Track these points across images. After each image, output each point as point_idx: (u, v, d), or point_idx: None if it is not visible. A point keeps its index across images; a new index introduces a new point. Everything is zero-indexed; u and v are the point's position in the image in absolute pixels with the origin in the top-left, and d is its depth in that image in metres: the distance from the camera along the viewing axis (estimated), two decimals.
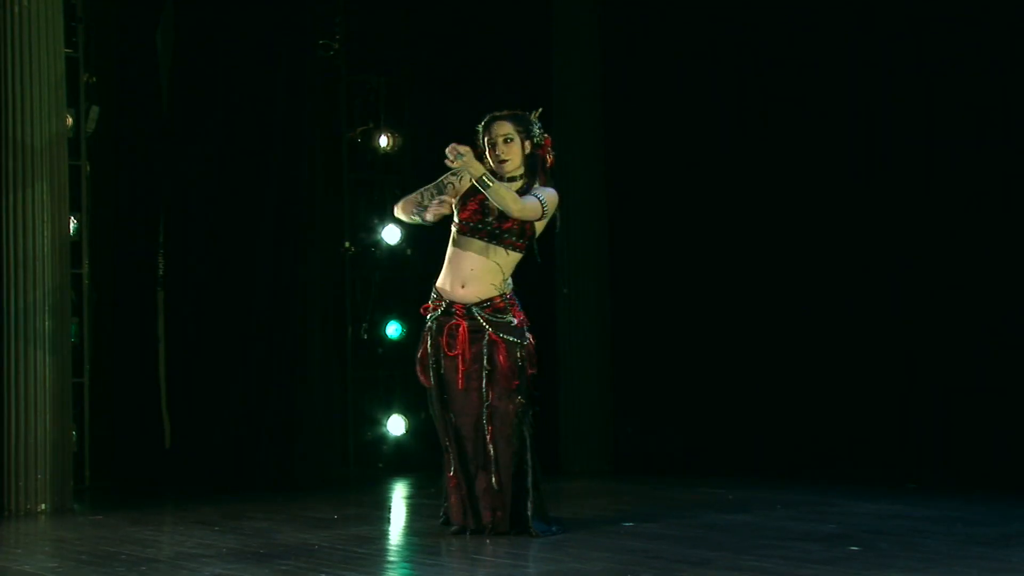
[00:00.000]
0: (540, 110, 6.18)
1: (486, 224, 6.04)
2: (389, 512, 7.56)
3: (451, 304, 6.06)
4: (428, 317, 6.15)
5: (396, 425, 9.67)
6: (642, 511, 6.86)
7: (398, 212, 6.24)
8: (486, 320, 6.01)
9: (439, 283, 6.14)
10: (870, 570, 4.96)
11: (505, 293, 6.07)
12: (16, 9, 7.37)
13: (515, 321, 6.05)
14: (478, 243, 6.04)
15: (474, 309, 6.03)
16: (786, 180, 8.60)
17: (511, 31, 9.46)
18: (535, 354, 6.10)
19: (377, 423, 9.69)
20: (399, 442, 9.66)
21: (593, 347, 9.05)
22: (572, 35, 9.15)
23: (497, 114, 6.15)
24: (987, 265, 7.78)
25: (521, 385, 6.02)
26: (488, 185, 5.85)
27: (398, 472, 9.16)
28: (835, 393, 8.39)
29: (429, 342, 6.10)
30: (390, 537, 6.55)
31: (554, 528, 6.02)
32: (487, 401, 5.98)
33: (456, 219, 6.12)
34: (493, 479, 5.97)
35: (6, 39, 7.38)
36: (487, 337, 6.00)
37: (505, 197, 5.89)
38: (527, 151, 6.10)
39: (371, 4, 9.87)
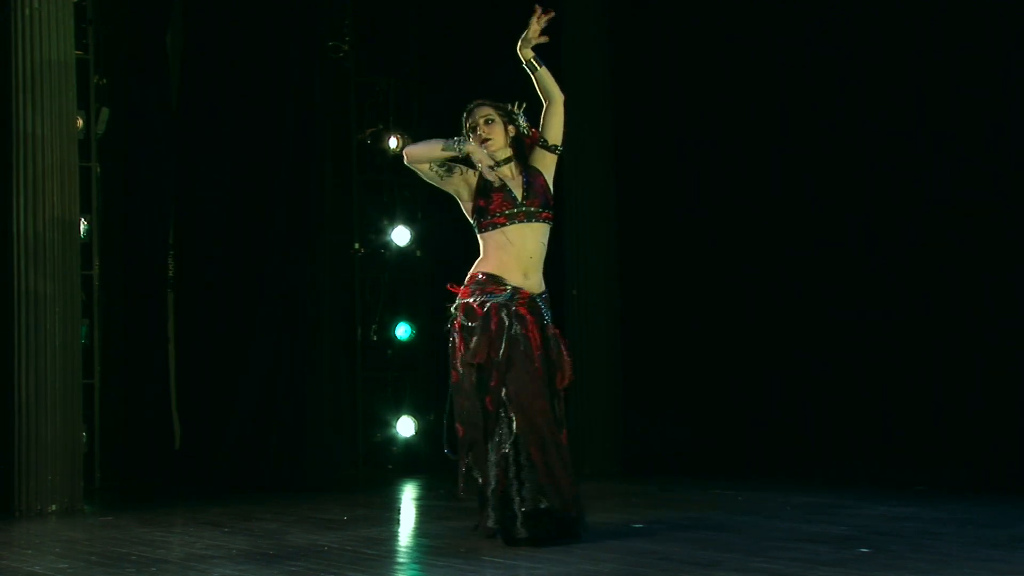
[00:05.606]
0: (525, 105, 6.01)
1: (520, 207, 5.84)
2: (399, 513, 7.56)
3: (517, 289, 5.79)
4: (492, 297, 5.74)
5: (405, 426, 9.68)
6: (651, 512, 6.86)
7: (412, 154, 5.97)
8: (546, 314, 5.87)
9: (495, 270, 5.80)
10: (880, 572, 4.95)
11: (546, 290, 5.95)
12: (27, 11, 7.39)
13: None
14: (525, 228, 5.82)
15: (538, 301, 5.86)
16: (795, 180, 8.60)
17: (520, 33, 9.44)
18: None
19: (386, 424, 9.70)
20: (408, 443, 9.67)
21: (602, 349, 9.04)
22: (581, 38, 9.14)
23: (477, 100, 6.04)
24: (999, 266, 7.76)
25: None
26: (536, 68, 5.95)
27: (407, 473, 9.15)
28: (845, 394, 8.38)
29: (506, 316, 5.71)
30: (399, 538, 6.55)
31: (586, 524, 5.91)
32: (555, 396, 5.81)
33: (485, 216, 5.85)
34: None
35: (17, 41, 7.40)
36: (550, 331, 5.85)
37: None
38: (511, 134, 5.97)
39: (380, 6, 9.88)
